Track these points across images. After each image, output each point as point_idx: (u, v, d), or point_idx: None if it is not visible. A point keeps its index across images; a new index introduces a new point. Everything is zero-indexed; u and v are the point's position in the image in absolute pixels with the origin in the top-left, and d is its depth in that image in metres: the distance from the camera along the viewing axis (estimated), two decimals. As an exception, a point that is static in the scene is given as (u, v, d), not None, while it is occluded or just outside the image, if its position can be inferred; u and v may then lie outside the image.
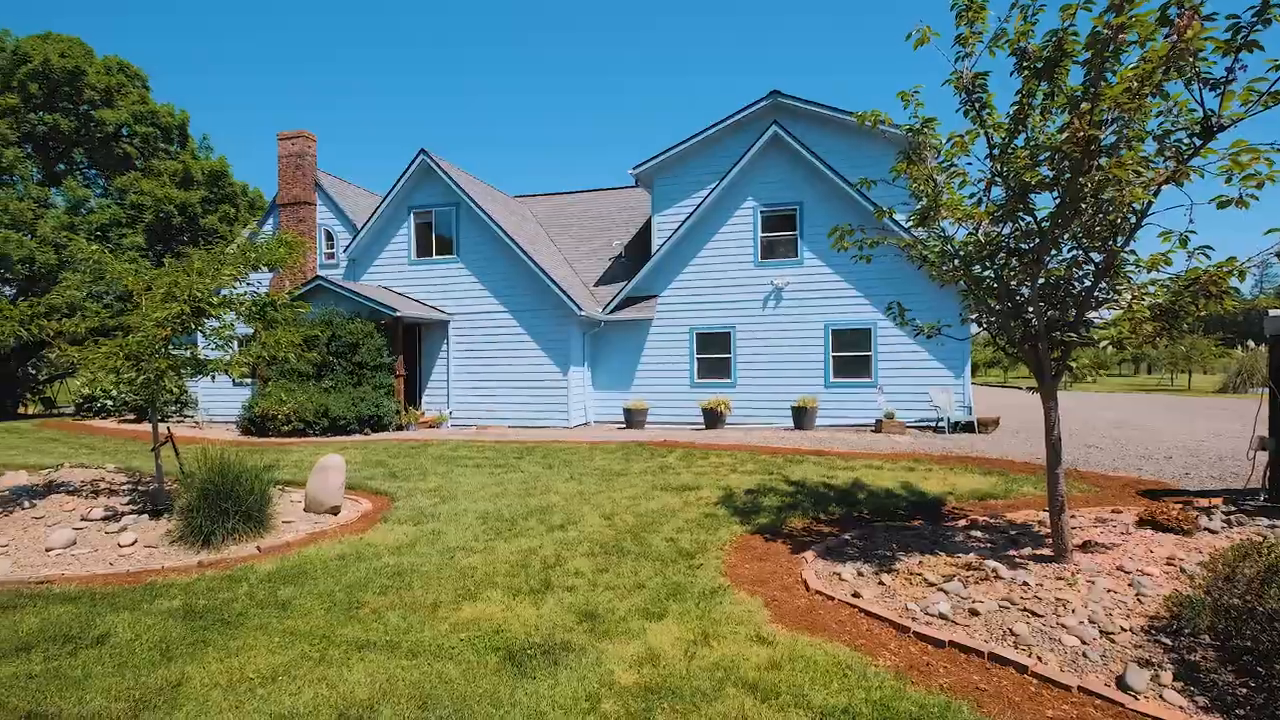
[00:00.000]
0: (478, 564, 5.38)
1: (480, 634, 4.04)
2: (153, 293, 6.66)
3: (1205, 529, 5.74)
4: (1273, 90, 3.88)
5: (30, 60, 20.94)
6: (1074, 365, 5.41)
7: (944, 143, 5.29)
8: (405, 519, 6.81)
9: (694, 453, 10.72)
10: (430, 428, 15.58)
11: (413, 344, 16.80)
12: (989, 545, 5.55)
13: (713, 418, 14.81)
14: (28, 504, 6.69)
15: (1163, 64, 4.01)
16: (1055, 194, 4.78)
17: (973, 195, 5.44)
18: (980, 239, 5.38)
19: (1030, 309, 5.28)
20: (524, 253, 15.60)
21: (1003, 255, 5.32)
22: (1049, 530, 5.56)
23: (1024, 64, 4.79)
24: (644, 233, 18.95)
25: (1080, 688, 3.30)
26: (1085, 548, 5.29)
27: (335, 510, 7.04)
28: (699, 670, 3.56)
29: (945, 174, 5.34)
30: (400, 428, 14.97)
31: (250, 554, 5.73)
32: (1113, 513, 6.47)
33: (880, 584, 4.79)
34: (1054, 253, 5.16)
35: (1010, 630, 3.91)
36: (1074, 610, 4.10)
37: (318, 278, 15.62)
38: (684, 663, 3.65)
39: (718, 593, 4.69)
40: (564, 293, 15.18)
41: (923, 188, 5.39)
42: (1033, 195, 4.89)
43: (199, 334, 7.09)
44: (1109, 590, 4.39)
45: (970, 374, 14.27)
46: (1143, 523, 5.90)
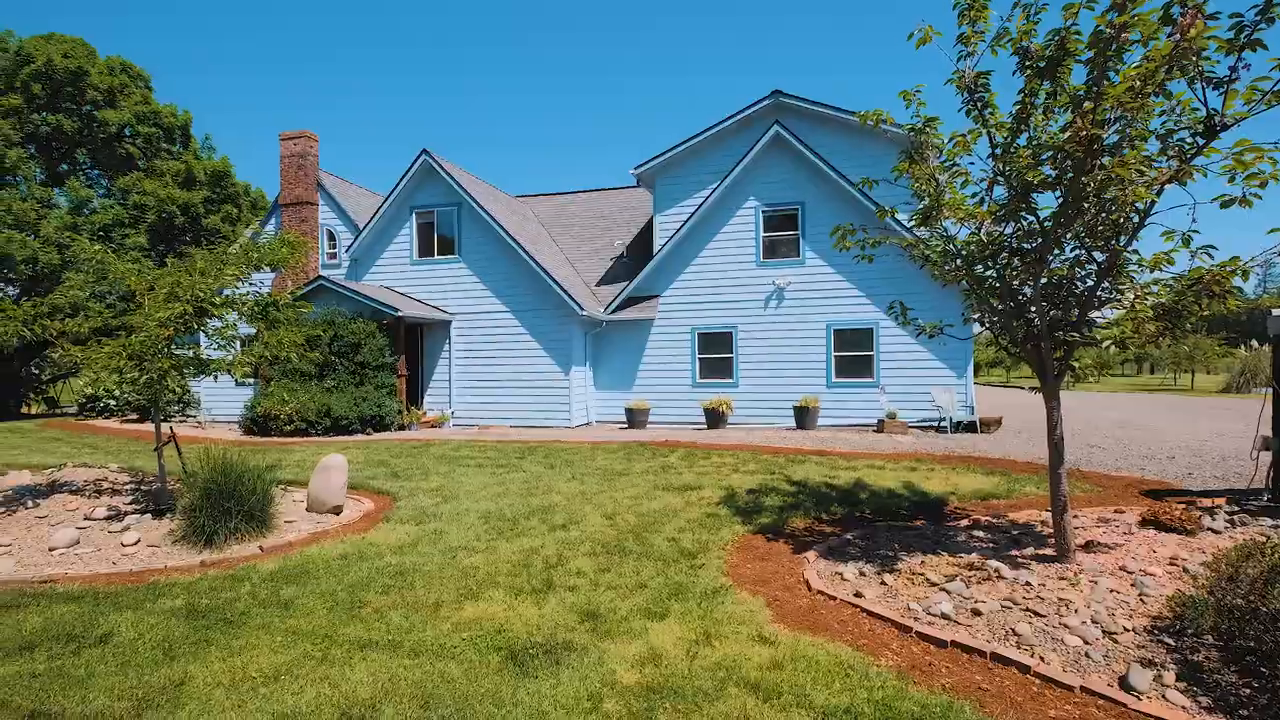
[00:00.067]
0: (480, 563, 5.38)
1: (482, 633, 4.04)
2: (155, 293, 6.68)
3: (1208, 529, 5.72)
4: (1276, 89, 3.87)
5: (33, 61, 20.99)
6: (1076, 365, 5.40)
7: (946, 142, 5.28)
8: (407, 518, 6.82)
9: (696, 452, 10.72)
10: (432, 428, 15.59)
11: (415, 344, 16.82)
12: (991, 545, 5.54)
13: (714, 418, 14.80)
14: (31, 503, 6.71)
15: (1165, 63, 4.01)
16: (1058, 193, 4.77)
17: (975, 195, 5.43)
18: (983, 238, 5.37)
19: (1033, 309, 5.27)
20: (526, 253, 15.61)
21: (1005, 255, 5.31)
22: (1051, 530, 5.55)
23: (1026, 63, 4.78)
24: (646, 232, 18.95)
25: (1083, 688, 3.29)
26: (1088, 548, 5.28)
27: (337, 510, 7.05)
28: (701, 670, 3.56)
29: (947, 173, 5.34)
30: (402, 427, 14.99)
31: (253, 553, 5.74)
32: (1115, 513, 6.45)
33: (882, 584, 4.78)
34: (1056, 252, 5.15)
35: (1013, 630, 3.91)
36: (1076, 610, 4.09)
37: (320, 278, 15.65)
38: (686, 662, 3.65)
39: (719, 592, 4.68)
40: (566, 292, 15.19)
41: (925, 187, 5.38)
42: (1035, 195, 4.88)
43: (201, 334, 7.10)
44: (1112, 590, 4.38)
45: (972, 374, 14.25)
46: (1145, 523, 5.89)
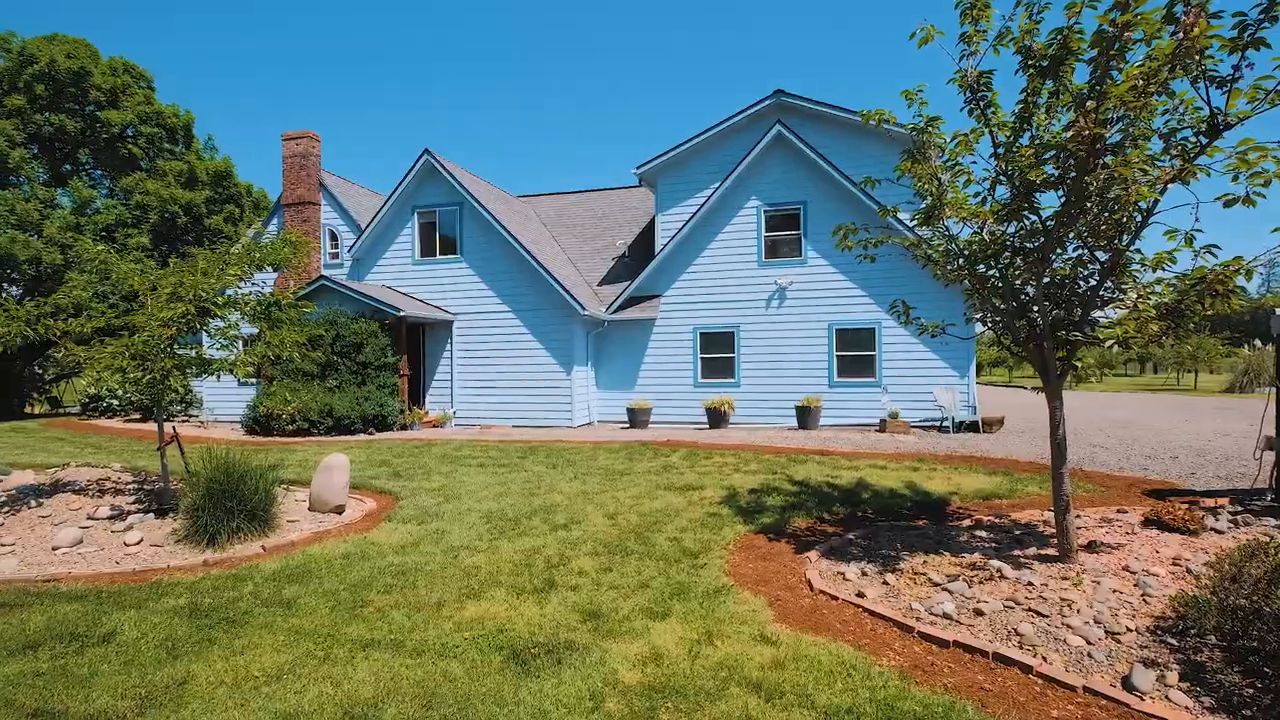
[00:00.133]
0: (482, 563, 5.39)
1: (484, 633, 4.04)
2: (158, 293, 6.69)
3: (1211, 529, 5.71)
4: (1279, 88, 3.86)
5: (36, 61, 21.03)
6: (1079, 365, 5.39)
7: (949, 141, 5.28)
8: (409, 518, 6.83)
9: (697, 452, 10.72)
10: (434, 427, 15.61)
11: (417, 344, 16.83)
12: (994, 545, 5.53)
13: (716, 417, 14.80)
14: (34, 503, 6.72)
15: (1168, 62, 4.00)
16: (1060, 193, 4.76)
17: (977, 194, 5.43)
18: (985, 238, 5.36)
19: (1035, 308, 5.26)
20: (527, 252, 15.62)
21: (1007, 254, 5.30)
22: (1054, 530, 5.54)
23: (1029, 62, 4.78)
24: (648, 232, 18.95)
25: (1085, 688, 3.28)
26: (1090, 548, 5.27)
27: (340, 509, 7.06)
28: (703, 670, 3.56)
29: (950, 173, 5.33)
30: (404, 427, 15.01)
31: (255, 553, 5.75)
32: (1118, 512, 6.44)
33: (884, 584, 4.78)
34: (1059, 252, 5.14)
35: (1015, 630, 3.90)
36: (1079, 610, 4.08)
37: (322, 277, 15.67)
38: (688, 662, 3.65)
39: (721, 592, 4.68)
40: (567, 292, 15.20)
41: (927, 186, 5.38)
42: (1038, 194, 4.87)
43: (204, 334, 7.12)
44: (1114, 590, 4.37)
45: (975, 373, 14.23)
46: (1148, 523, 5.88)
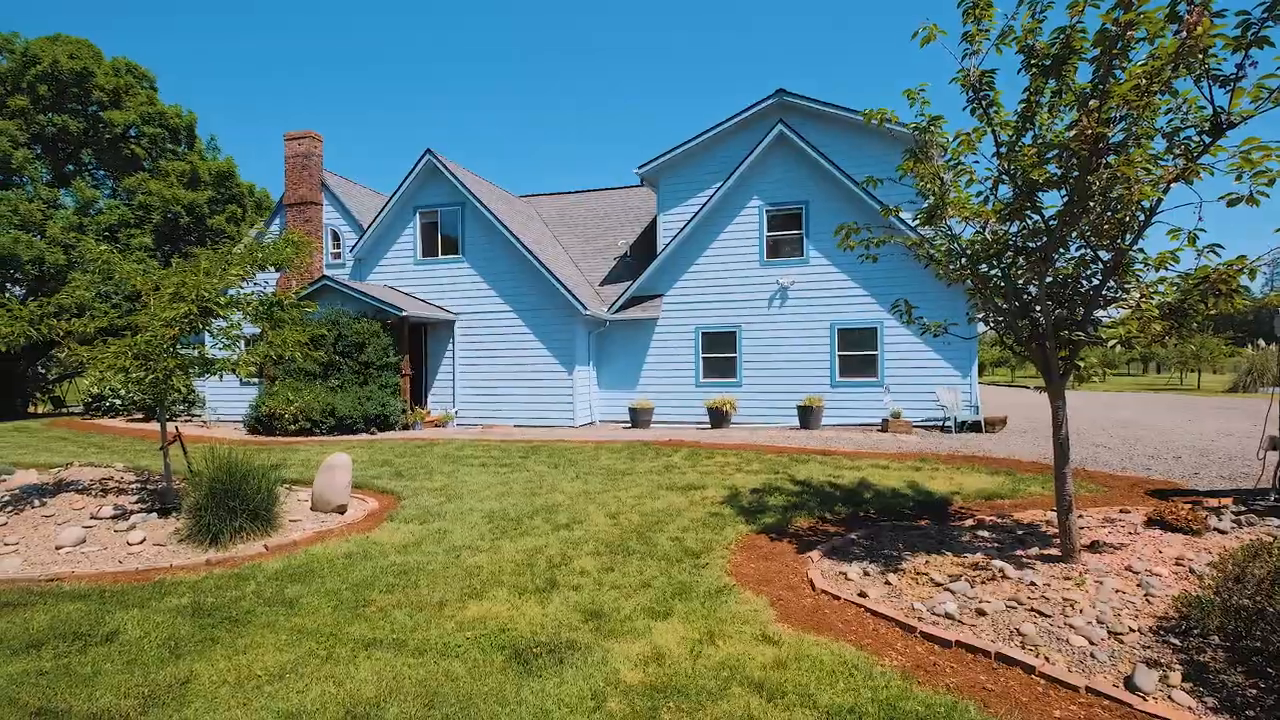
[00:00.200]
0: (483, 563, 5.39)
1: (486, 632, 4.05)
2: (160, 293, 6.71)
3: (1214, 529, 5.70)
4: (1283, 87, 3.84)
5: (39, 62, 21.08)
6: (1082, 364, 5.39)
7: (951, 141, 5.27)
8: (411, 518, 6.84)
9: (699, 452, 10.72)
10: (436, 427, 15.62)
11: (418, 343, 16.85)
12: (996, 545, 5.52)
13: (718, 417, 14.80)
14: (38, 502, 6.74)
15: (1172, 61, 3.99)
16: (1063, 192, 4.75)
17: (980, 193, 5.42)
18: (987, 237, 5.35)
19: (1038, 308, 5.25)
20: (529, 252, 15.62)
21: (1010, 254, 5.29)
22: (1056, 530, 5.53)
23: (1032, 61, 4.77)
24: (649, 232, 18.94)
25: (1088, 688, 3.28)
26: (1093, 548, 5.26)
27: (342, 509, 7.07)
28: (705, 669, 3.56)
29: (952, 172, 5.32)
30: (406, 427, 15.02)
31: (258, 552, 5.76)
32: (1121, 512, 6.43)
33: (886, 584, 4.77)
34: (1062, 251, 5.13)
35: (1017, 630, 3.89)
36: (1082, 610, 4.08)
37: (324, 277, 15.68)
38: (689, 662, 3.65)
39: (723, 592, 4.68)
40: (569, 292, 15.20)
41: (929, 186, 5.37)
42: (1040, 193, 4.86)
43: (206, 334, 7.13)
44: (1117, 590, 4.37)
45: (977, 373, 14.21)
46: (1151, 523, 5.87)
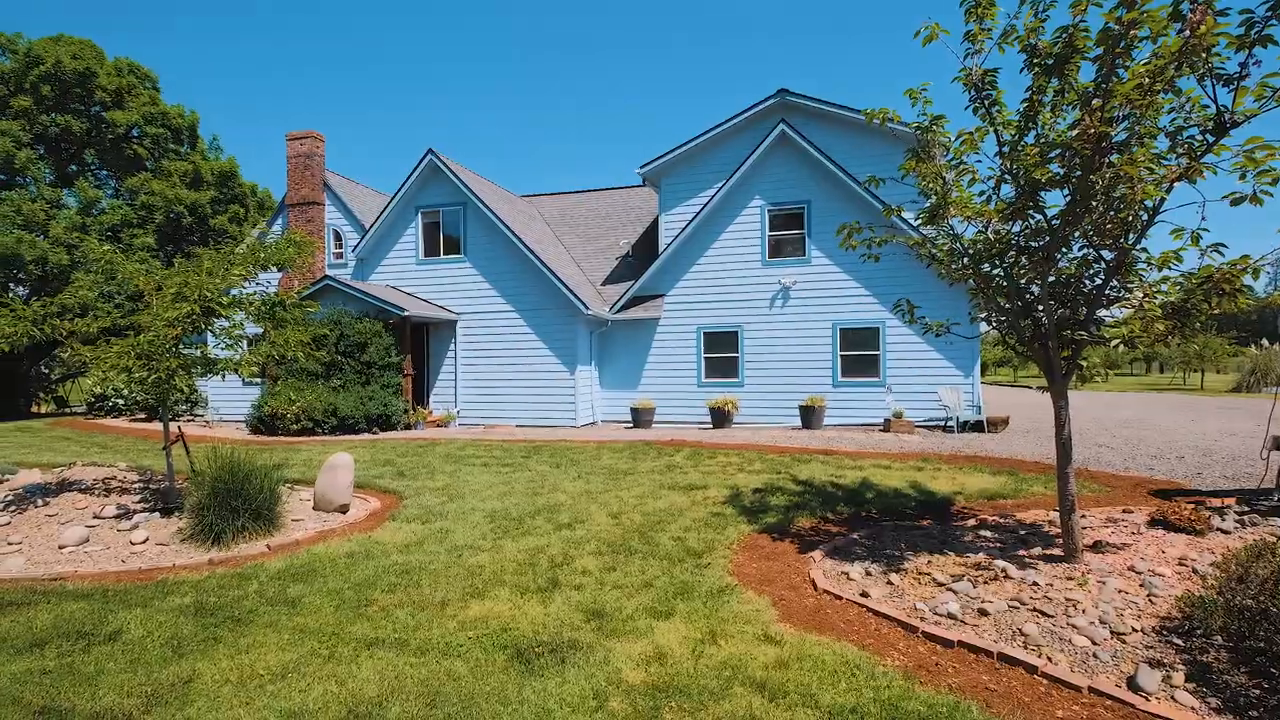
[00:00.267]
0: (485, 562, 5.40)
1: (488, 632, 4.05)
2: (163, 293, 6.72)
3: (1218, 529, 5.68)
4: (1287, 86, 3.83)
5: (42, 62, 21.14)
6: (1084, 364, 5.37)
7: (953, 140, 5.26)
8: (413, 517, 6.84)
9: (701, 452, 10.71)
10: (438, 427, 15.64)
11: (420, 343, 16.87)
12: (998, 545, 5.51)
13: (720, 417, 14.79)
14: (41, 502, 6.76)
15: (1175, 60, 3.98)
16: (1066, 191, 4.74)
17: (982, 193, 5.41)
18: (990, 237, 5.34)
19: (1040, 307, 5.24)
20: (531, 252, 15.63)
21: (1012, 253, 5.28)
22: (1059, 530, 5.53)
23: (1034, 60, 4.76)
24: (651, 232, 18.94)
25: (1091, 688, 3.27)
26: (1096, 548, 5.25)
27: (344, 509, 7.08)
28: (706, 669, 3.56)
29: (954, 171, 5.31)
30: (408, 427, 15.04)
31: (260, 552, 5.77)
32: (1124, 513, 6.42)
33: (888, 583, 4.77)
34: (1064, 250, 5.12)
35: (1020, 630, 3.89)
36: (1084, 610, 4.07)
37: (326, 277, 15.70)
38: (691, 661, 3.65)
39: (725, 592, 4.68)
40: (571, 292, 15.20)
41: (931, 185, 5.36)
42: (1043, 193, 4.85)
43: (209, 333, 7.14)
44: (1120, 590, 4.36)
45: (979, 373, 14.19)
46: (1154, 523, 5.85)
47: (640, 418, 15.29)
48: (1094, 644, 3.70)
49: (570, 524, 6.53)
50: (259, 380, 16.01)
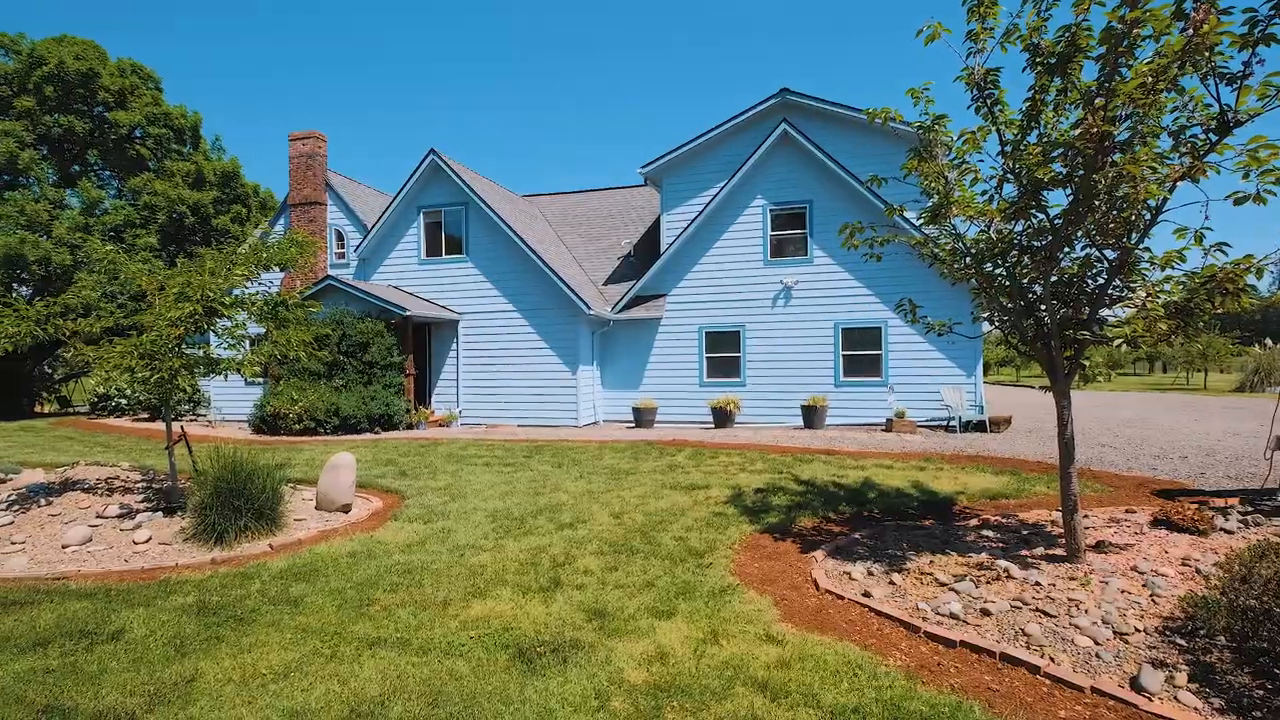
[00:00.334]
0: (487, 562, 5.40)
1: (490, 631, 4.05)
2: (166, 293, 6.73)
3: (1221, 529, 5.67)
4: (1291, 84, 3.82)
5: (45, 63, 21.18)
6: (1087, 364, 5.35)
7: (955, 139, 5.25)
8: (415, 517, 6.85)
9: (703, 452, 10.71)
10: (440, 426, 15.65)
11: (422, 343, 16.88)
12: (1001, 545, 5.51)
13: (722, 417, 14.79)
14: (44, 501, 6.77)
15: (1178, 59, 3.97)
16: (1068, 190, 4.73)
17: (984, 192, 5.41)
18: (992, 236, 5.33)
19: (1043, 307, 5.23)
20: (533, 252, 15.63)
21: (1015, 253, 5.27)
22: (1062, 530, 5.51)
23: (1037, 59, 4.75)
24: (653, 232, 18.94)
25: (1093, 688, 3.27)
26: (1099, 548, 5.24)
27: (346, 508, 7.08)
28: (708, 669, 3.56)
29: (957, 171, 5.31)
30: (410, 426, 15.05)
31: (262, 551, 5.78)
32: (1126, 513, 6.40)
33: (891, 583, 4.76)
34: (1067, 250, 5.11)
35: (1022, 630, 3.88)
36: (1087, 611, 4.06)
37: (328, 277, 15.72)
38: (693, 661, 3.65)
39: (727, 591, 4.68)
40: (573, 292, 15.21)
41: (934, 185, 5.36)
42: (1045, 192, 4.85)
43: (211, 333, 7.15)
44: (1123, 591, 4.35)
45: (982, 373, 14.17)
46: (1157, 523, 5.84)
47: (642, 418, 15.29)
48: (1097, 644, 3.69)
49: (572, 524, 6.53)
50: (261, 380, 16.03)
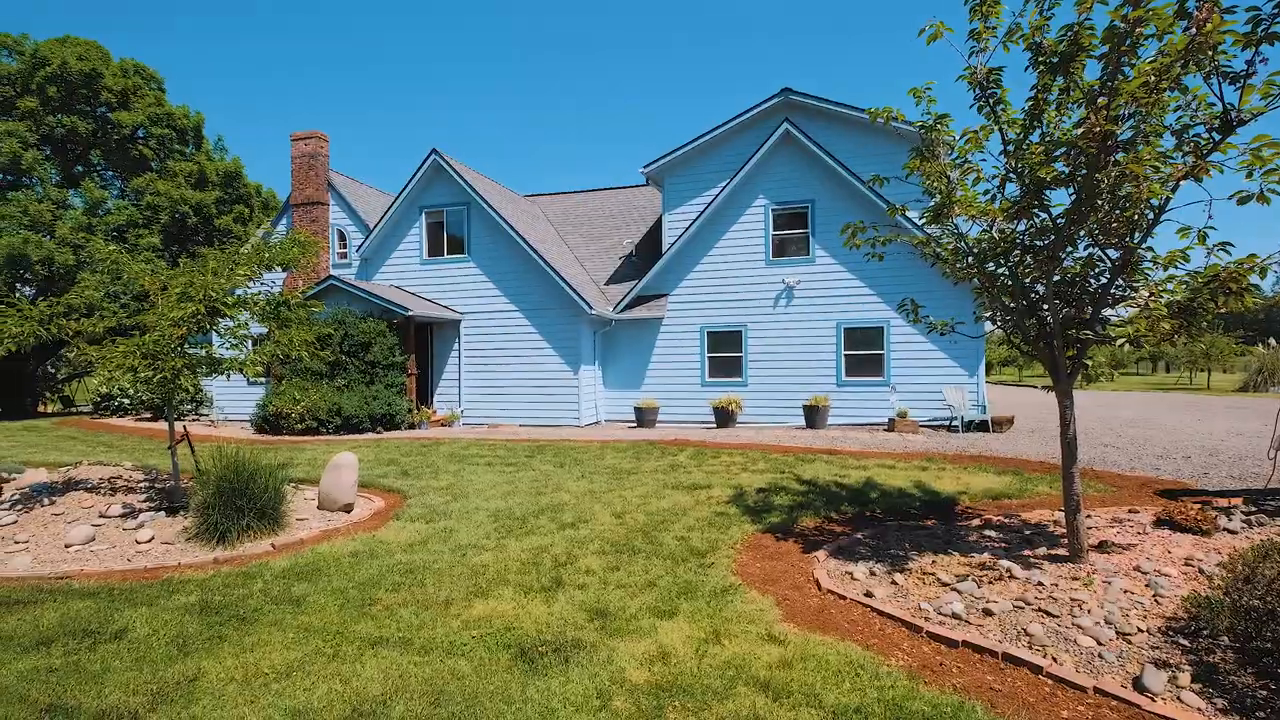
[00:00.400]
0: (489, 561, 5.40)
1: (492, 631, 4.05)
2: (168, 293, 6.74)
3: (1224, 529, 5.66)
4: (1294, 83, 3.81)
5: (49, 64, 21.24)
6: (1090, 364, 5.34)
7: (958, 139, 5.25)
8: (417, 517, 6.85)
9: (705, 451, 10.71)
10: (442, 426, 15.66)
11: (424, 343, 16.90)
12: (1003, 545, 5.50)
13: (724, 417, 14.78)
14: (47, 501, 6.79)
15: (1181, 58, 3.96)
16: (1071, 190, 4.72)
17: (987, 192, 5.40)
18: (994, 236, 5.33)
19: (1045, 306, 5.22)
20: (535, 252, 15.64)
21: (1017, 252, 5.26)
22: (1064, 530, 5.50)
23: (1039, 59, 4.74)
24: (655, 231, 18.94)
25: (1096, 689, 3.26)
26: (1101, 548, 5.23)
27: (348, 508, 7.09)
28: (710, 669, 3.55)
29: (959, 170, 5.30)
30: (412, 426, 15.07)
31: (265, 551, 5.79)
32: (1129, 512, 6.39)
33: (893, 583, 4.76)
34: (1069, 250, 5.10)
35: (1025, 630, 3.88)
36: (1090, 611, 4.05)
37: (331, 277, 15.74)
38: (695, 661, 3.64)
39: (729, 591, 4.68)
40: (575, 291, 15.21)
41: (936, 184, 5.35)
42: (1048, 191, 4.84)
43: (214, 333, 7.17)
44: (1125, 591, 4.34)
45: (984, 372, 14.15)
46: (1160, 523, 5.83)
47: (644, 417, 15.29)
48: (1099, 644, 3.68)
49: (574, 523, 6.53)
50: (264, 380, 16.06)
